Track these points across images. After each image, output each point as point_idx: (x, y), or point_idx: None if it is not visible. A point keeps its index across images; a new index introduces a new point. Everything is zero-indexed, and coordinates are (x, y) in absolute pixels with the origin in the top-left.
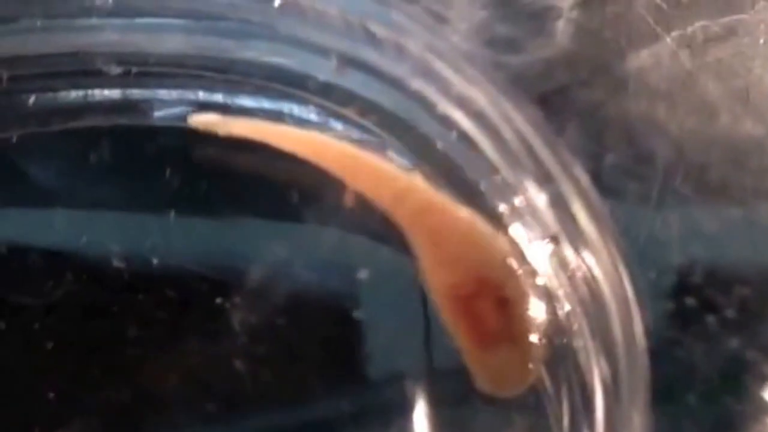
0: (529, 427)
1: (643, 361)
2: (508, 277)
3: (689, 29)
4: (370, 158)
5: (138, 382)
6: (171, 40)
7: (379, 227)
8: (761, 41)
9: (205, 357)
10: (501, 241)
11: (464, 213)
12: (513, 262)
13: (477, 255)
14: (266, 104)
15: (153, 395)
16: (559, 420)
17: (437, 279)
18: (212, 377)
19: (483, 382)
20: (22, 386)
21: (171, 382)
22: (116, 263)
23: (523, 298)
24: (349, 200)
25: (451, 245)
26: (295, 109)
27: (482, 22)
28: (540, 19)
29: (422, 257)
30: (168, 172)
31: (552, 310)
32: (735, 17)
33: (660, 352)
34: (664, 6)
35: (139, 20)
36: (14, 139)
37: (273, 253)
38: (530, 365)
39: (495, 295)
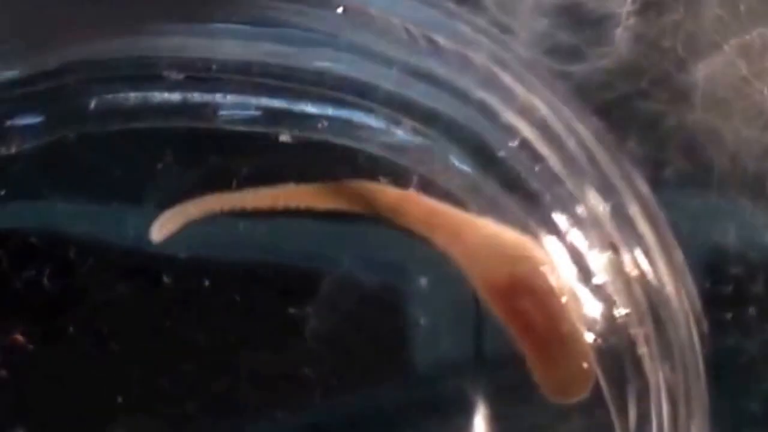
0: (591, 428)
1: (702, 369)
2: (534, 267)
3: (747, 37)
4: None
5: (207, 389)
6: (233, 46)
7: None
8: None
9: (274, 364)
10: (522, 239)
11: (466, 215)
12: (539, 254)
13: (497, 251)
14: (330, 112)
15: (222, 402)
16: (622, 423)
17: (470, 273)
18: (280, 384)
19: (548, 389)
20: (91, 390)
21: (240, 389)
22: (184, 270)
23: (557, 288)
24: None
25: (467, 242)
26: (360, 117)
27: (544, 30)
28: (599, 27)
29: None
30: (233, 178)
31: (607, 311)
32: None
33: (720, 360)
34: (723, 14)
35: (201, 26)
36: (79, 142)
37: (338, 261)
38: (586, 364)
39: (528, 288)
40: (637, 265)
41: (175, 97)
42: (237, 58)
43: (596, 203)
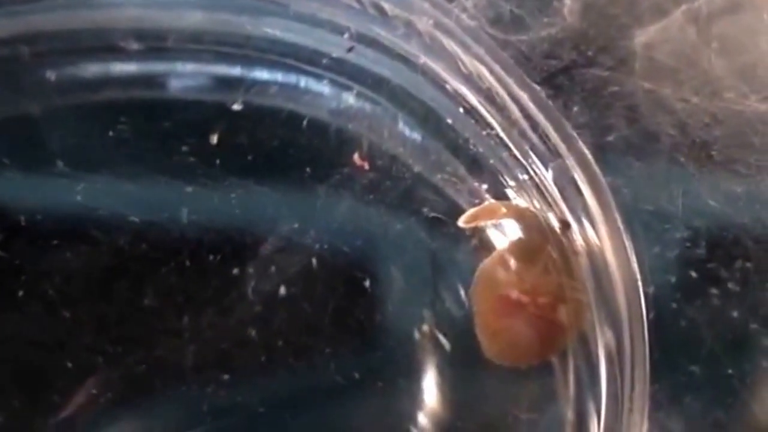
0: (535, 392)
1: (646, 332)
2: (562, 293)
3: (696, 3)
4: None
5: (154, 352)
6: (189, 16)
7: (391, 199)
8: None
9: (220, 327)
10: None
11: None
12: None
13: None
14: (281, 78)
15: (169, 365)
16: (565, 388)
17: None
18: (227, 347)
19: (491, 352)
20: (40, 356)
21: (186, 352)
22: (133, 235)
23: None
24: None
25: (523, 246)
26: (310, 83)
27: None
28: None
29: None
30: (184, 145)
31: None
32: None
33: (663, 323)
34: None
35: None
36: (35, 114)
37: (286, 225)
38: (542, 345)
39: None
40: (580, 231)
41: (132, 67)
42: (192, 27)
43: (540, 170)
